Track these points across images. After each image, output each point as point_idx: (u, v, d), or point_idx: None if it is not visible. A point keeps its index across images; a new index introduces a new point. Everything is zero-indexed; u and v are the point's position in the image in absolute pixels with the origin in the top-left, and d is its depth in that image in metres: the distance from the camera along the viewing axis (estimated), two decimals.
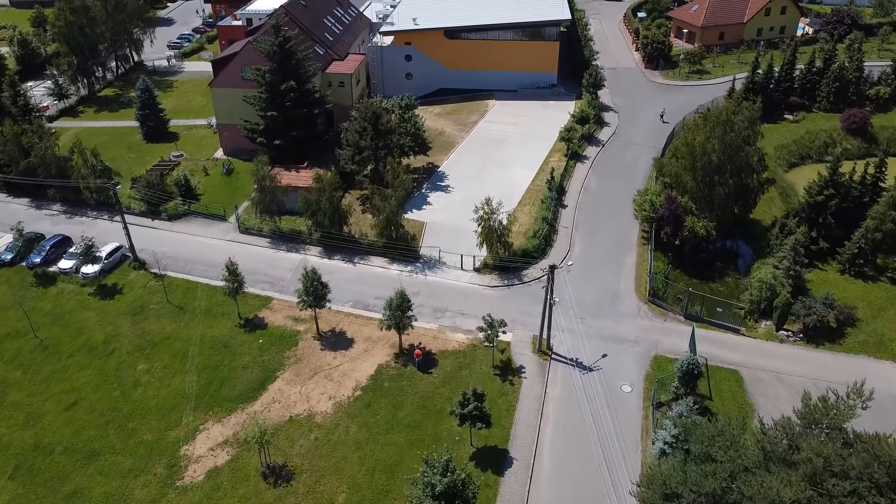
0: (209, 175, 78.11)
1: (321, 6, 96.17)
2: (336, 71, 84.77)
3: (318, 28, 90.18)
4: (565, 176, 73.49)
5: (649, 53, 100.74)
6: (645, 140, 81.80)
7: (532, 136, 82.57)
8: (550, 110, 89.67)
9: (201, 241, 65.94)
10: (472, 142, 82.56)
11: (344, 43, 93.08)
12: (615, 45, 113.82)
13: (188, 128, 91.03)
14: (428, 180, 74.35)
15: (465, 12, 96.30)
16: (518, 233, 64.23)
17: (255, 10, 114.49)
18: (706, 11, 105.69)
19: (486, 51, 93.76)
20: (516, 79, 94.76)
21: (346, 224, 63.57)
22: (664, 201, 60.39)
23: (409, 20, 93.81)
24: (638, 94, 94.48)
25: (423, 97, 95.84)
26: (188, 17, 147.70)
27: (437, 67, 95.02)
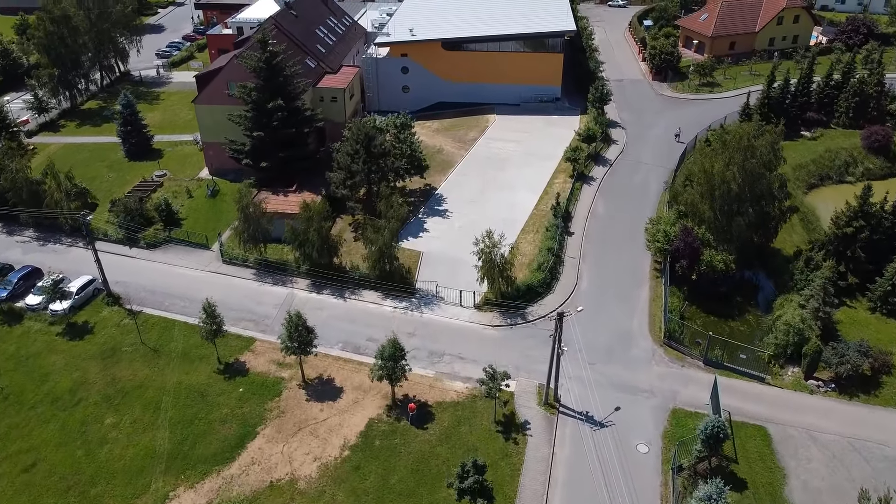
0: (193, 197, 73.53)
1: (313, 16, 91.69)
2: (328, 85, 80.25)
3: (309, 39, 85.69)
4: (571, 200, 68.96)
5: (657, 65, 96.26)
6: (655, 159, 77.28)
7: (535, 155, 78.04)
8: (554, 126, 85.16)
9: (181, 273, 61.37)
10: (471, 161, 78.02)
11: (337, 54, 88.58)
12: (621, 55, 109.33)
13: (173, 144, 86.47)
14: (425, 204, 69.80)
15: (465, 22, 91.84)
16: (521, 264, 59.72)
17: (246, 18, 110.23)
18: (716, 20, 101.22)
19: (487, 63, 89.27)
20: (518, 92, 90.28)
21: (336, 255, 59.05)
22: (679, 232, 55.86)
23: (405, 31, 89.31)
24: (646, 109, 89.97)
25: (421, 111, 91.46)
26: (179, 24, 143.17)
27: (434, 80, 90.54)
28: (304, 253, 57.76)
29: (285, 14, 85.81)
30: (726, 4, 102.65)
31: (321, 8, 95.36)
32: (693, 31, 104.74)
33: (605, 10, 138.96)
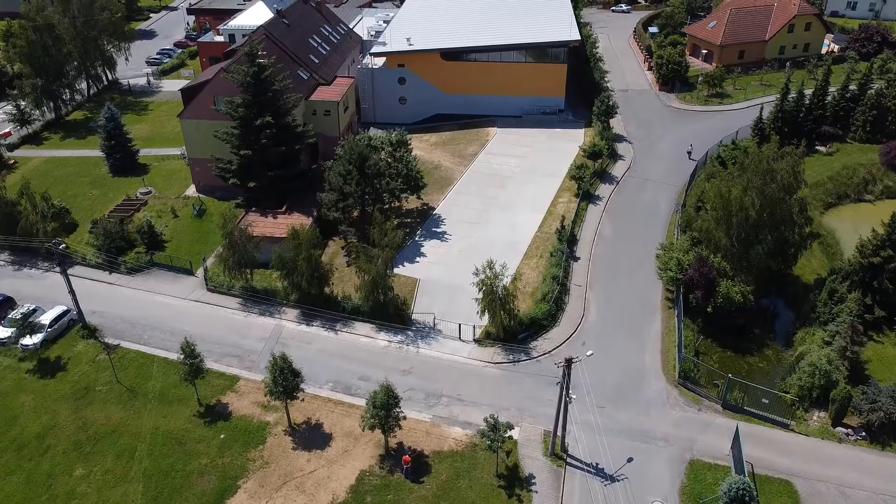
0: (178, 217, 69.87)
1: (307, 24, 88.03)
2: (321, 98, 76.60)
3: (302, 49, 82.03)
4: (576, 221, 65.32)
5: (664, 75, 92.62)
6: (664, 176, 73.62)
7: (538, 172, 74.39)
8: (558, 140, 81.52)
9: (162, 302, 57.68)
10: (471, 178, 74.35)
11: (331, 65, 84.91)
12: (626, 63, 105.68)
13: (160, 158, 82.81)
14: (422, 226, 66.13)
15: (464, 32, 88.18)
16: (524, 293, 56.07)
17: (238, 25, 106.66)
18: (725, 29, 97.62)
19: (487, 74, 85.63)
20: (520, 104, 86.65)
21: (326, 284, 55.39)
22: (693, 261, 52.20)
23: (402, 40, 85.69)
24: (653, 121, 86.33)
25: (419, 123, 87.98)
26: (171, 30, 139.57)
27: (433, 91, 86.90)
28: (292, 282, 54.09)
29: (277, 23, 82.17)
30: (735, 12, 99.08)
31: (315, 16, 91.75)
32: (701, 39, 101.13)
33: (608, 15, 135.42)
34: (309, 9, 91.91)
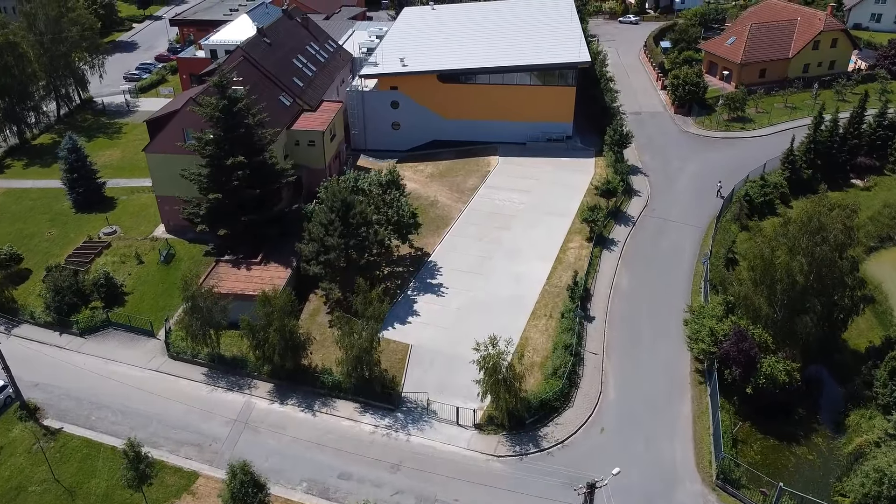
0: (143, 263, 62.47)
1: (291, 43, 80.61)
2: (305, 127, 69.29)
3: (284, 72, 74.62)
4: (590, 271, 57.91)
5: (680, 96, 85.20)
6: (685, 216, 66.19)
7: (545, 210, 66.96)
8: (566, 171, 74.11)
9: (117, 372, 50.29)
10: (471, 217, 66.91)
11: (317, 87, 77.51)
12: (637, 82, 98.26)
13: (130, 191, 75.33)
14: (415, 276, 58.70)
15: (463, 52, 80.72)
16: (532, 363, 48.72)
17: (221, 40, 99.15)
18: (746, 46, 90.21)
19: (489, 98, 78.20)
20: (524, 130, 79.20)
21: (304, 356, 47.99)
22: (731, 333, 44.79)
23: (395, 60, 78.26)
24: (670, 149, 78.89)
25: (414, 150, 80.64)
26: (154, 42, 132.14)
27: (429, 116, 79.46)
28: (263, 354, 46.64)
29: (257, 43, 74.73)
30: (756, 28, 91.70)
31: (300, 33, 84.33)
32: (719, 56, 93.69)
33: (615, 27, 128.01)
34: (294, 25, 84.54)
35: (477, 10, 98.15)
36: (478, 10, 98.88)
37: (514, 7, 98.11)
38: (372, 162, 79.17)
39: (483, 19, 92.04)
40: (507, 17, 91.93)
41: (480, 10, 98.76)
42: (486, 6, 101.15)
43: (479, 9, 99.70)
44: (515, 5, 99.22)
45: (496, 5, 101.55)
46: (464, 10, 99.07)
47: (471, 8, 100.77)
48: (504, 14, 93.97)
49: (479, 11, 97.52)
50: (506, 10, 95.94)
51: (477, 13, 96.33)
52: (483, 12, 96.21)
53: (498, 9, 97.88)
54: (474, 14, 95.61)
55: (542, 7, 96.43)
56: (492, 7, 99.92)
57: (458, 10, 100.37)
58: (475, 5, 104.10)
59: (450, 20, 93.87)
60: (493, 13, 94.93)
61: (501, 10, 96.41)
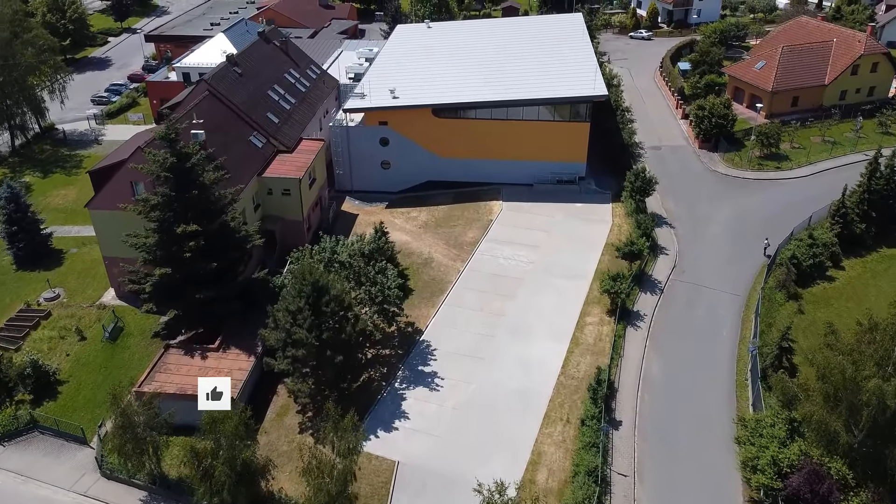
0: (85, 340, 53.13)
1: (267, 71, 71.16)
2: (278, 174, 60.01)
3: (258, 106, 65.24)
4: (613, 356, 48.49)
5: (706, 130, 75.77)
6: (721, 280, 56.71)
7: (557, 272, 57.54)
8: (580, 220, 64.72)
9: (35, 496, 40.83)
10: (471, 280, 57.47)
11: (296, 123, 68.13)
12: (653, 108, 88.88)
13: (81, 241, 65.78)
14: (404, 362, 49.24)
15: (461, 81, 71.26)
16: (547, 489, 39.29)
17: (194, 63, 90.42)
18: (777, 72, 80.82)
19: (491, 134, 68.80)
20: (531, 170, 69.80)
21: (262, 484, 38.52)
22: (801, 467, 35.40)
23: (384, 91, 68.78)
24: (696, 193, 69.45)
25: (406, 192, 71.30)
26: (130, 58, 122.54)
27: (423, 154, 70.06)
28: (210, 488, 37.11)
29: (225, 73, 65.26)
30: (788, 51, 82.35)
31: (279, 58, 74.87)
32: (746, 82, 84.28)
33: (626, 42, 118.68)
34: (271, 50, 75.06)
35: (477, 30, 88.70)
36: (478, 29, 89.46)
37: (518, 26, 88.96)
38: (358, 206, 69.84)
39: (484, 41, 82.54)
40: (511, 39, 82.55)
41: (481, 29, 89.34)
42: (487, 25, 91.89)
43: (480, 28, 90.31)
44: (519, 24, 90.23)
45: (498, 24, 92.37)
46: (462, 30, 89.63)
47: (470, 27, 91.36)
48: (507, 35, 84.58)
49: (480, 31, 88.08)
50: (509, 30, 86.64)
51: (477, 33, 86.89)
52: (484, 32, 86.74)
53: (500, 28, 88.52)
54: (474, 35, 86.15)
55: (549, 26, 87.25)
56: (493, 26, 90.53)
57: (456, 29, 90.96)
58: (475, 24, 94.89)
59: (447, 42, 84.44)
60: (495, 34, 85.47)
61: (504, 30, 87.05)
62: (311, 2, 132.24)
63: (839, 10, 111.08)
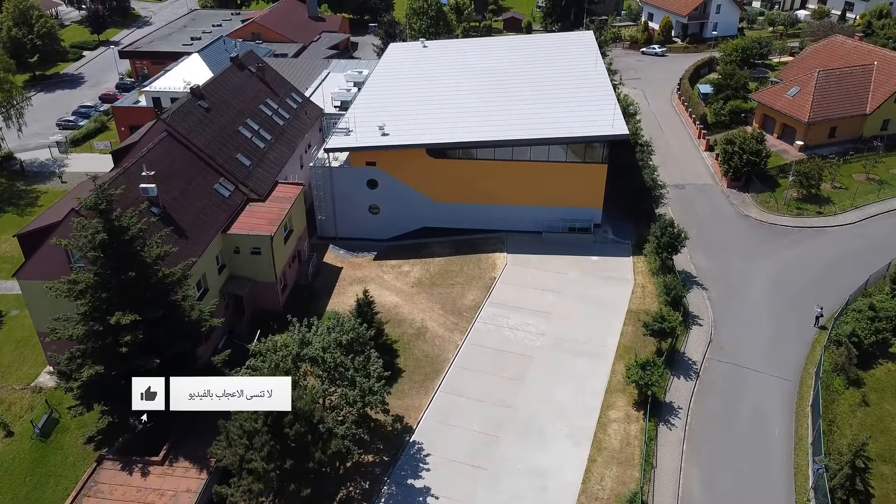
0: (12, 436, 44.59)
1: (239, 103, 62.62)
2: (246, 230, 51.49)
3: (227, 146, 56.77)
4: (645, 469, 39.89)
5: (736, 167, 67.25)
6: (767, 359, 48.11)
7: (574, 348, 49.00)
8: (597, 278, 56.21)
9: None
10: (471, 357, 48.88)
11: (271, 164, 59.60)
12: (673, 138, 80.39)
13: (22, 302, 57.02)
14: (389, 474, 40.56)
15: (460, 117, 62.60)
16: None
17: (165, 87, 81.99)
18: (814, 100, 72.27)
19: (494, 177, 60.32)
20: (539, 216, 61.29)
21: None
22: None
23: (372, 128, 60.20)
24: (729, 244, 60.90)
25: (398, 240, 62.89)
26: (105, 75, 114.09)
27: (417, 198, 61.57)
28: None
29: (189, 110, 56.61)
30: (825, 76, 73.84)
31: (254, 87, 66.27)
32: (778, 111, 75.65)
33: (637, 59, 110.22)
34: (245, 77, 66.45)
35: (477, 51, 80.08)
36: (478, 50, 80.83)
37: (523, 47, 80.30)
38: (343, 256, 61.32)
39: (485, 65, 73.95)
40: (516, 63, 73.96)
41: (481, 50, 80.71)
42: (489, 45, 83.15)
43: (480, 49, 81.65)
44: (524, 44, 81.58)
45: (501, 44, 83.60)
46: (461, 51, 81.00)
47: (469, 48, 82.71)
48: (512, 58, 75.98)
49: (480, 53, 79.49)
50: (513, 53, 77.99)
51: (477, 55, 78.29)
52: (485, 54, 78.14)
53: (503, 50, 79.85)
54: (474, 57, 77.55)
55: (558, 47, 78.65)
56: (496, 47, 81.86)
57: (453, 50, 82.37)
58: (475, 44, 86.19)
59: (444, 65, 75.87)
60: (498, 57, 76.86)
61: (508, 53, 78.42)
62: (299, 14, 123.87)
63: (870, 25, 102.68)
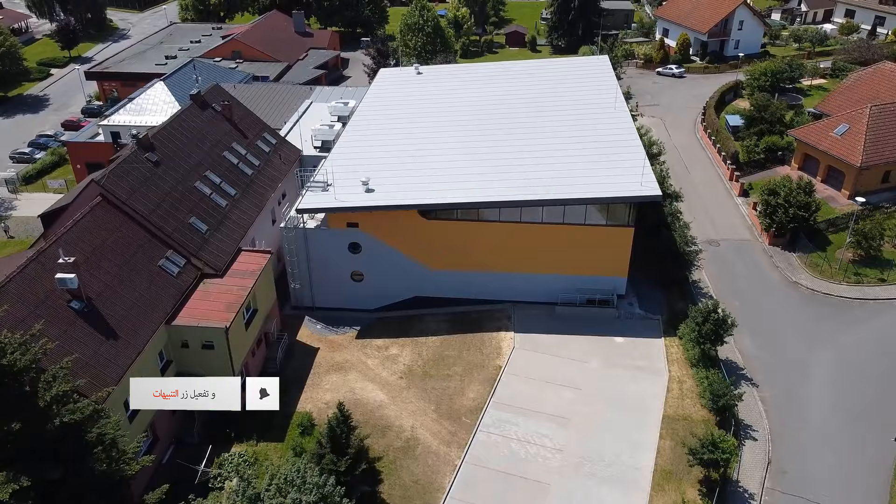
0: None
1: (199, 151, 53.11)
2: (195, 321, 41.90)
3: (179, 208, 47.35)
4: None
5: (780, 223, 57.73)
6: (841, 491, 38.51)
7: (599, 472, 39.40)
8: (623, 368, 46.71)
9: None
10: (471, 487, 39.26)
11: (235, 225, 50.08)
12: (702, 180, 70.84)
13: None
14: None
15: (459, 169, 52.90)
16: None
17: (125, 122, 72.86)
18: (867, 140, 62.72)
19: (498, 241, 50.82)
20: (552, 285, 51.76)
21: None
22: None
23: (354, 182, 50.57)
24: (779, 322, 51.28)
25: (387, 309, 53.42)
26: (71, 98, 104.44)
27: (407, 265, 52.04)
28: None
29: (130, 168, 46.94)
30: (877, 112, 64.40)
31: (218, 129, 56.65)
32: (823, 152, 66.07)
33: (653, 81, 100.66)
34: (208, 119, 56.85)
35: (478, 81, 70.41)
36: (479, 79, 71.15)
37: (530, 76, 70.58)
38: (320, 333, 51.84)
39: (488, 100, 64.37)
40: (524, 98, 64.30)
41: (483, 79, 71.03)
42: (491, 73, 73.50)
43: (482, 77, 71.94)
44: (531, 73, 71.91)
45: (504, 71, 73.94)
46: (460, 80, 71.35)
47: (469, 76, 72.99)
48: (518, 91, 66.31)
49: (482, 82, 69.88)
50: (520, 84, 68.29)
51: (479, 85, 68.67)
52: (487, 86, 68.48)
53: (508, 80, 70.19)
54: (475, 88, 67.98)
55: (571, 76, 69.05)
56: (499, 75, 72.18)
57: (452, 78, 72.67)
58: (476, 71, 76.51)
59: (441, 98, 66.28)
60: (502, 89, 67.22)
61: (513, 83, 68.75)
62: (284, 29, 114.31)
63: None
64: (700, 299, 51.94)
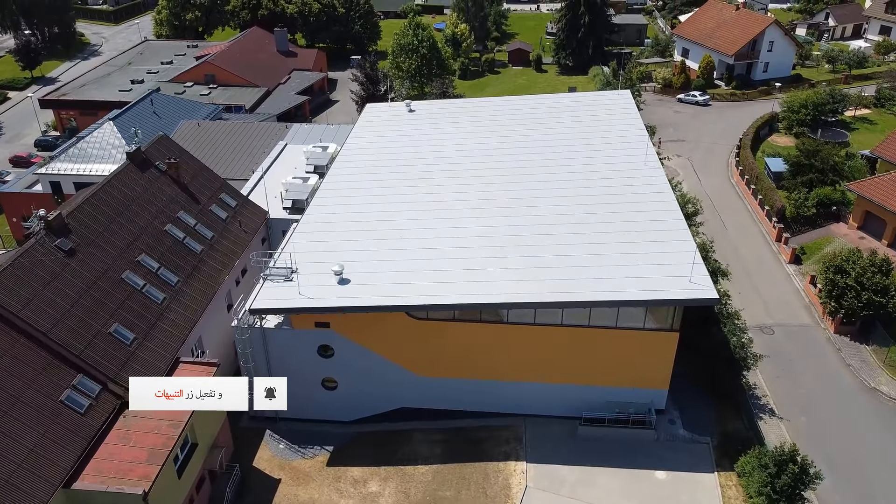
0: None
1: (135, 226, 42.79)
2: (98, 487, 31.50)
3: (98, 313, 37.11)
4: None
5: (849, 307, 47.16)
6: None
7: None
8: None
9: None
10: None
11: (172, 327, 39.78)
12: (742, 241, 60.40)
13: None
14: None
15: (456, 256, 42.10)
16: None
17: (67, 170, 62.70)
18: None
19: (506, 345, 40.29)
20: (574, 397, 41.20)
21: None
22: None
23: (325, 272, 39.93)
24: (859, 448, 40.67)
25: (367, 421, 42.99)
26: (28, 125, 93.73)
27: (390, 371, 41.55)
28: None
29: (33, 265, 36.33)
30: None
31: (162, 195, 46.03)
32: (891, 212, 55.41)
33: (675, 109, 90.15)
34: (150, 181, 46.18)
35: (480, 124, 59.74)
36: (481, 121, 60.46)
37: (540, 118, 59.82)
38: (283, 456, 41.47)
39: (492, 151, 53.84)
40: (534, 150, 53.59)
41: (486, 122, 60.36)
42: (495, 112, 62.85)
43: (484, 119, 61.21)
44: (541, 112, 61.24)
45: (510, 110, 63.25)
46: (459, 122, 60.61)
47: (470, 116, 62.21)
48: (527, 140, 55.61)
49: (484, 123, 59.33)
50: (529, 130, 57.58)
51: (481, 132, 58.01)
52: (491, 131, 57.89)
53: (514, 122, 59.52)
54: (477, 134, 57.37)
55: (589, 121, 58.33)
56: (504, 114, 61.53)
57: (449, 118, 61.97)
58: (477, 109, 65.70)
59: (436, 148, 55.67)
60: (509, 136, 56.60)
61: (521, 128, 58.07)
62: (265, 48, 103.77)
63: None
64: (759, 416, 41.51)
